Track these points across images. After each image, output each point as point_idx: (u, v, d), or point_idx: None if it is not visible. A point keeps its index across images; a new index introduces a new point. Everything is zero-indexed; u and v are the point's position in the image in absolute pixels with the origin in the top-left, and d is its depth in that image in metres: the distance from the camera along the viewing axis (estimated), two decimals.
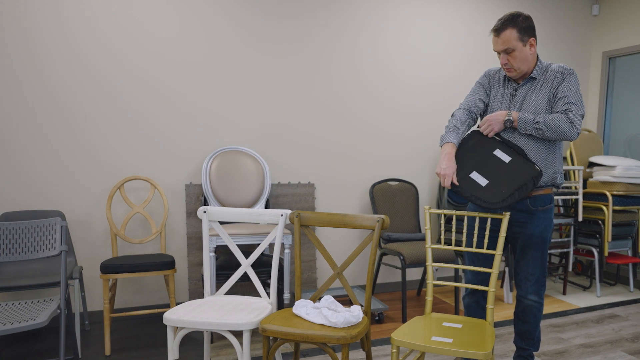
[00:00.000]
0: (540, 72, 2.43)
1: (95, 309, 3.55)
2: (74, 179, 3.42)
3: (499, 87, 2.54)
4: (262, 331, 2.14)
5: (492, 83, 2.58)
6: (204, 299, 2.51)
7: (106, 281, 2.96)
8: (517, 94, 2.45)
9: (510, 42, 2.32)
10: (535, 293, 2.55)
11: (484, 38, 4.69)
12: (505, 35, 2.32)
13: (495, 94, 2.54)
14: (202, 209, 2.57)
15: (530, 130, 2.34)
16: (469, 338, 2.10)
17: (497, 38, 2.34)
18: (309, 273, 4.09)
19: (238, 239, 3.18)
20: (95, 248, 3.50)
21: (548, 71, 2.41)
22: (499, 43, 2.35)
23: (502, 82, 2.53)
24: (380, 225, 2.39)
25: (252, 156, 3.74)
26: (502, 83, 2.53)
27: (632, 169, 4.39)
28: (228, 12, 3.72)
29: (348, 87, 4.17)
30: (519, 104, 2.44)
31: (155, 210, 3.66)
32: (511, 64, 2.37)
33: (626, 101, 5.06)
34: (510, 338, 3.36)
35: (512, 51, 2.34)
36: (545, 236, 2.49)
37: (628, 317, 3.89)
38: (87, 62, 3.39)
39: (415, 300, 4.26)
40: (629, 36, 4.96)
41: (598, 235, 4.45)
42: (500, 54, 2.38)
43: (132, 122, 3.54)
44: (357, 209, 4.32)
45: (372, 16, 4.20)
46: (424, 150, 4.54)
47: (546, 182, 2.45)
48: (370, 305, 2.39)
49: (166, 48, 3.58)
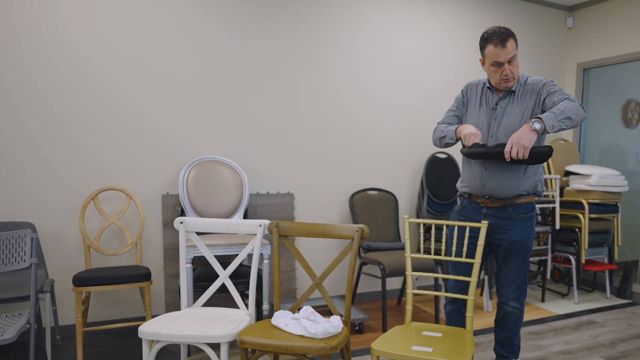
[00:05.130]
0: (518, 85, 2.46)
1: (68, 323, 3.45)
2: (45, 189, 3.33)
3: (478, 99, 2.56)
4: (240, 343, 2.10)
5: (470, 96, 2.60)
6: (181, 311, 2.46)
7: (79, 294, 2.88)
8: (497, 108, 2.47)
9: (514, 50, 2.36)
10: (516, 300, 2.56)
11: (462, 51, 4.75)
12: (510, 45, 2.34)
13: (474, 106, 2.56)
14: (179, 220, 2.52)
15: (558, 125, 2.18)
16: (449, 347, 2.09)
17: (503, 49, 2.33)
18: (289, 283, 4.05)
19: (216, 250, 3.13)
20: (67, 260, 3.41)
21: (526, 84, 2.45)
22: (504, 54, 2.34)
23: (482, 95, 2.55)
24: (360, 234, 2.37)
25: (231, 166, 3.70)
26: (482, 96, 2.54)
27: (607, 177, 4.46)
28: (206, 23, 3.69)
29: (327, 98, 4.17)
30: (500, 117, 2.45)
31: (131, 221, 3.58)
32: (512, 73, 2.40)
33: (600, 111, 5.17)
34: (490, 346, 3.36)
35: (513, 60, 2.38)
36: (527, 243, 2.51)
37: (605, 323, 3.93)
38: (58, 70, 3.32)
39: (396, 309, 4.24)
40: (602, 48, 5.07)
41: (575, 243, 4.50)
42: (504, 64, 2.38)
43: (107, 131, 3.47)
44: (336, 219, 4.30)
45: (350, 29, 4.21)
46: (404, 160, 4.55)
47: (528, 190, 2.47)
48: (350, 315, 2.37)
49: (143, 57, 3.53)
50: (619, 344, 3.49)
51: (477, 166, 2.51)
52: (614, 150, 5.02)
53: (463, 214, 2.62)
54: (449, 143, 2.57)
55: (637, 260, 4.77)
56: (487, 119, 2.49)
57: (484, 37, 2.39)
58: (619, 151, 4.98)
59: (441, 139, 2.59)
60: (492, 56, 2.36)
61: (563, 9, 5.33)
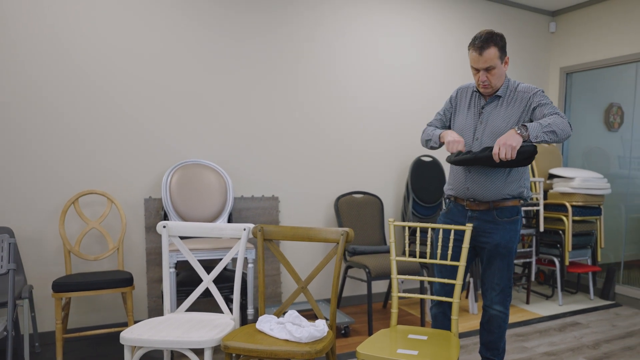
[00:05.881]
0: (506, 90, 2.46)
1: (47, 330, 3.37)
2: (24, 192, 3.26)
3: (466, 103, 2.57)
4: (225, 348, 2.07)
5: (459, 99, 2.61)
6: (164, 317, 2.42)
7: (58, 300, 2.82)
8: (483, 112, 2.48)
9: (492, 60, 2.33)
10: (500, 303, 2.56)
11: (446, 55, 4.77)
12: (488, 54, 2.32)
13: (462, 110, 2.57)
14: (162, 224, 2.48)
15: (542, 137, 2.21)
16: (434, 350, 2.08)
17: (480, 56, 2.33)
18: (274, 287, 4.01)
19: (199, 254, 3.09)
20: (47, 266, 3.34)
21: (517, 90, 2.45)
22: (481, 61, 2.34)
23: (470, 99, 2.56)
24: (345, 238, 2.36)
25: (214, 169, 3.66)
26: (470, 99, 2.55)
27: (590, 180, 4.50)
28: (190, 27, 3.66)
29: (313, 102, 4.15)
30: (485, 121, 2.46)
31: (112, 225, 3.52)
32: (490, 81, 2.39)
33: (583, 115, 5.22)
34: (476, 348, 3.36)
35: (492, 69, 2.36)
36: (511, 247, 2.51)
37: (589, 324, 3.96)
38: (37, 72, 3.26)
39: (382, 312, 4.23)
40: (584, 53, 5.13)
41: (559, 245, 4.53)
42: (480, 71, 2.38)
43: (88, 133, 3.41)
44: (322, 222, 4.27)
45: (336, 32, 4.20)
46: (389, 163, 4.55)
47: (512, 194, 2.48)
48: (335, 319, 2.35)
49: (125, 61, 3.48)
50: (603, 344, 3.52)
51: (461, 169, 2.53)
52: (597, 154, 5.08)
53: (449, 216, 2.62)
54: (434, 147, 2.63)
55: (619, 262, 4.82)
56: (474, 122, 2.50)
57: (471, 40, 2.40)
58: (601, 154, 5.03)
59: (427, 142, 2.65)
60: (471, 61, 2.40)
61: (546, 14, 5.38)
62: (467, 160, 2.39)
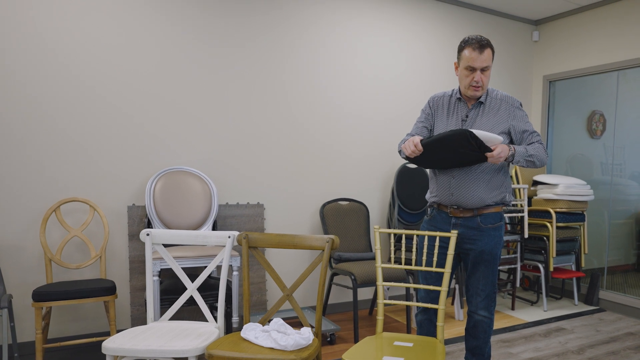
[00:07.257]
0: (486, 97, 2.50)
1: (27, 340, 3.30)
2: (3, 199, 3.20)
3: (445, 111, 2.58)
4: (209, 357, 2.05)
5: (436, 108, 2.62)
6: (147, 325, 2.39)
7: (38, 309, 2.76)
8: (467, 119, 2.50)
9: (489, 60, 2.39)
10: (485, 309, 2.56)
11: (432, 62, 4.80)
12: (487, 53, 2.38)
13: (441, 118, 2.58)
14: (145, 232, 2.45)
15: (522, 163, 2.40)
16: (420, 356, 2.07)
17: (481, 55, 2.36)
18: (259, 295, 3.98)
19: (183, 262, 3.06)
20: (27, 275, 3.27)
21: (497, 98, 2.50)
22: (480, 60, 2.37)
23: (450, 106, 2.57)
24: (330, 245, 2.35)
25: (199, 176, 3.63)
26: (451, 107, 2.56)
27: (573, 186, 4.56)
28: (173, 34, 3.64)
29: (298, 109, 4.15)
30: (470, 127, 2.48)
31: (95, 233, 3.47)
32: (482, 82, 2.42)
33: (566, 122, 5.29)
34: (462, 355, 3.36)
35: (487, 70, 2.41)
36: (495, 253, 2.52)
37: (573, 329, 3.99)
38: (19, 77, 3.21)
39: (368, 319, 4.21)
40: (567, 61, 5.20)
41: (543, 251, 4.57)
42: (477, 71, 2.40)
43: (70, 139, 3.36)
44: (307, 229, 4.26)
45: (320, 39, 4.21)
46: (374, 170, 4.55)
47: (496, 200, 2.49)
48: (321, 327, 2.33)
49: (108, 64, 3.45)
50: (587, 349, 3.54)
51: (445, 176, 2.53)
52: (580, 160, 5.14)
53: (432, 224, 2.62)
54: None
55: (603, 268, 4.87)
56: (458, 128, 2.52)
57: (464, 40, 2.42)
58: (584, 161, 5.09)
59: (401, 152, 2.61)
60: (468, 60, 2.39)
61: (529, 23, 5.46)
62: (433, 143, 2.30)
